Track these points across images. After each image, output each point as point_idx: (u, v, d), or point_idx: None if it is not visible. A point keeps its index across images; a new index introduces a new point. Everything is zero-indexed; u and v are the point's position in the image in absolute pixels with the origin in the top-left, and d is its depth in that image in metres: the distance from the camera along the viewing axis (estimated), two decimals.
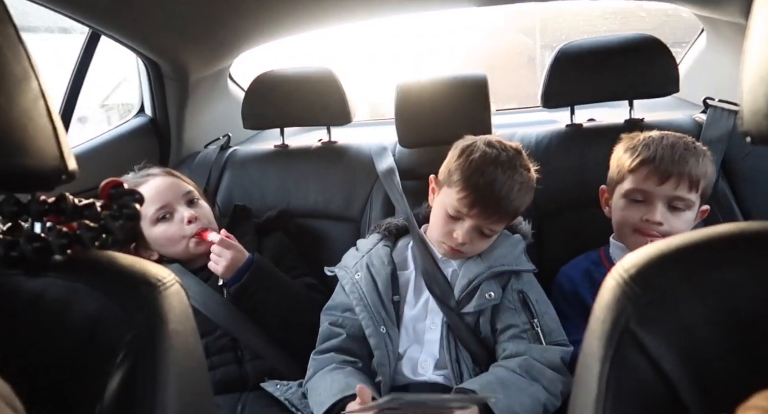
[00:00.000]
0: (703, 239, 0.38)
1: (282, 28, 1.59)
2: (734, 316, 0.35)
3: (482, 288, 1.00)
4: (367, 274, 1.06)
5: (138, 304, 0.45)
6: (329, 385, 0.97)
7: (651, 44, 1.30)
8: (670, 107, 1.66)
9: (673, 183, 0.99)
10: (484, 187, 0.96)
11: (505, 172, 0.97)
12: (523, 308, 1.00)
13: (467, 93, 1.37)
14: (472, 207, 0.97)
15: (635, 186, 1.02)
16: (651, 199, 1.01)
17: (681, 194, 0.99)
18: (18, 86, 0.44)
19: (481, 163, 0.98)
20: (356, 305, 1.04)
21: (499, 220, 0.99)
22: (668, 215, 1.00)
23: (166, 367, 0.44)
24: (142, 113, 1.66)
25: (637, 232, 1.02)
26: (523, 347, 0.96)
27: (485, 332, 1.01)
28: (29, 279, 0.46)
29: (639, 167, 1.01)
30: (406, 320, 1.05)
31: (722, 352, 0.35)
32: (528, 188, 1.01)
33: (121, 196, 0.52)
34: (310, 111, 1.50)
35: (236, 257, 1.11)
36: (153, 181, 1.20)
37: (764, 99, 0.32)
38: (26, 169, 0.44)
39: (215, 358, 1.14)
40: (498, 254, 1.03)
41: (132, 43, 1.40)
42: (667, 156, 0.99)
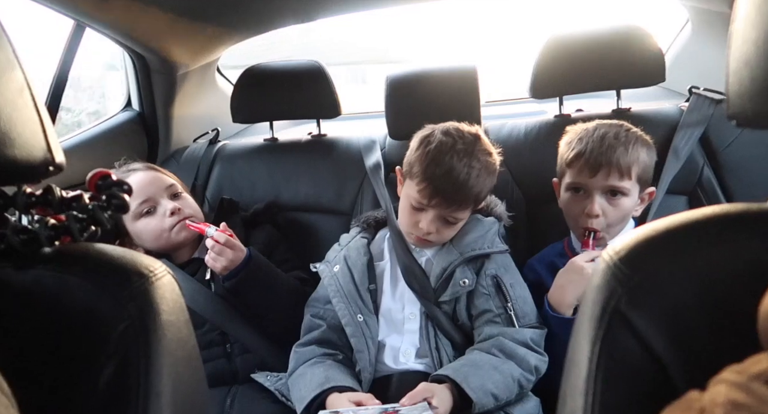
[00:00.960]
0: (690, 221, 0.39)
1: (269, 22, 1.58)
2: (720, 296, 0.36)
3: (456, 275, 1.01)
4: (344, 265, 1.08)
5: (129, 295, 0.45)
6: (309, 380, 0.98)
7: (637, 34, 1.30)
8: (657, 97, 1.68)
9: (604, 173, 1.03)
10: (441, 177, 0.97)
11: (462, 160, 0.97)
12: (497, 293, 1.01)
13: (457, 83, 1.37)
14: (432, 198, 0.98)
15: (573, 179, 1.08)
16: (588, 190, 1.06)
17: (614, 183, 1.03)
18: (2, 77, 0.43)
19: (437, 153, 0.99)
20: (333, 297, 1.06)
21: (460, 207, 1.00)
22: (606, 205, 1.05)
23: (159, 357, 0.44)
24: (129, 107, 1.65)
25: (580, 227, 1.07)
26: (497, 330, 0.98)
27: (462, 319, 1.02)
28: (18, 271, 0.45)
29: (573, 161, 1.07)
30: (384, 310, 1.07)
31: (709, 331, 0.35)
32: (488, 172, 1.01)
33: (110, 187, 0.51)
34: (300, 104, 1.50)
35: (237, 257, 1.10)
36: (135, 176, 1.19)
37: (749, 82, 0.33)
38: (12, 160, 0.43)
39: (204, 353, 1.13)
40: (469, 239, 1.04)
41: (118, 36, 1.38)
42: (596, 148, 1.04)
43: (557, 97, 1.42)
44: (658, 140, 1.27)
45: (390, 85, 1.40)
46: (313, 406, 0.94)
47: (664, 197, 1.23)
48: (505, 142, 1.39)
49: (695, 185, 1.27)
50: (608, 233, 1.07)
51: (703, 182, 1.27)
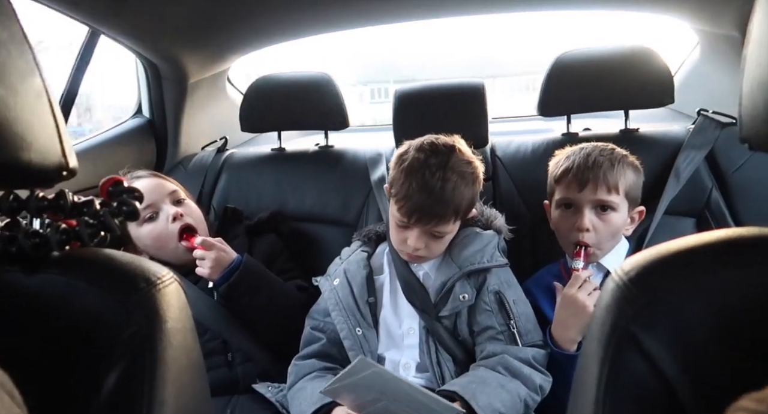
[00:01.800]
0: (702, 243, 0.39)
1: (280, 33, 1.60)
2: (732, 319, 0.36)
3: (455, 290, 1.01)
4: (344, 278, 1.08)
5: (136, 302, 0.45)
6: (309, 394, 0.98)
7: (647, 55, 1.31)
8: (665, 118, 1.68)
9: (591, 188, 1.06)
10: (416, 193, 0.96)
11: (435, 174, 0.96)
12: (500, 310, 1.00)
13: (464, 100, 1.38)
14: (411, 215, 0.97)
15: (562, 195, 1.10)
16: (578, 205, 1.08)
17: (602, 197, 1.06)
18: (22, 81, 0.44)
19: (410, 171, 0.98)
20: (332, 310, 1.05)
21: (441, 221, 0.98)
22: (596, 220, 1.06)
23: (164, 365, 0.44)
24: (140, 114, 1.66)
25: (570, 244, 1.08)
26: (500, 348, 0.97)
27: (463, 334, 1.01)
28: (28, 275, 0.45)
29: (561, 177, 1.10)
30: (382, 324, 1.06)
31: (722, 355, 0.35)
32: (466, 182, 0.99)
33: (121, 194, 0.52)
34: (308, 115, 1.51)
35: (219, 257, 1.11)
36: (138, 183, 1.20)
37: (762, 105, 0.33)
38: (28, 164, 0.44)
39: (206, 361, 1.12)
40: (468, 253, 1.03)
41: (131, 43, 1.40)
42: (582, 163, 1.07)
43: (565, 115, 1.42)
44: (665, 161, 1.27)
45: (398, 100, 1.41)
46: None
47: (671, 219, 1.23)
48: (512, 158, 1.40)
49: (703, 208, 1.26)
50: (599, 249, 1.08)
51: (711, 205, 1.26)
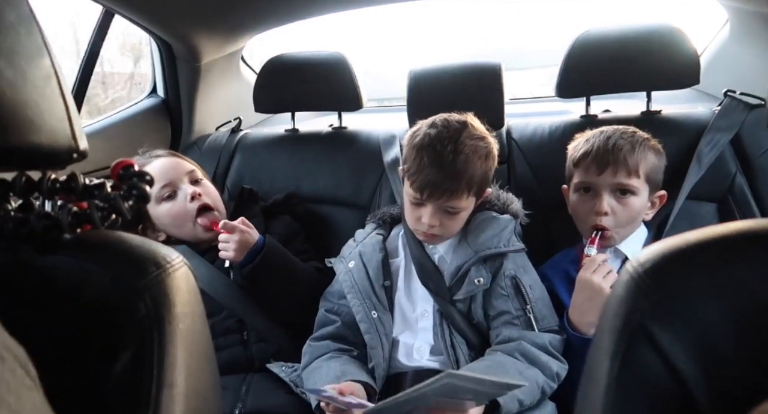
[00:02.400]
0: (720, 235, 0.37)
1: (295, 12, 1.57)
2: (750, 314, 0.34)
3: (471, 274, 1.00)
4: (359, 261, 1.08)
5: (146, 285, 0.45)
6: (325, 374, 0.98)
7: (671, 34, 1.26)
8: (690, 99, 1.63)
9: (611, 171, 1.04)
10: (427, 167, 0.96)
11: (446, 147, 0.96)
12: (516, 294, 1.00)
13: (481, 80, 1.35)
14: (423, 190, 0.97)
15: (581, 178, 1.09)
16: (597, 189, 1.06)
17: (621, 180, 1.04)
18: (31, 63, 0.44)
19: (420, 146, 0.98)
20: (347, 293, 1.05)
21: (454, 195, 0.97)
22: (615, 204, 1.05)
23: (173, 348, 0.44)
24: (155, 94, 1.67)
25: (590, 227, 1.07)
26: (516, 333, 0.97)
27: (478, 318, 1.01)
28: (40, 256, 0.46)
29: (580, 160, 1.08)
30: (397, 307, 1.06)
31: (737, 350, 0.34)
32: (479, 155, 0.98)
33: (131, 177, 0.52)
34: (321, 96, 1.49)
35: (243, 239, 1.11)
36: (157, 161, 1.22)
37: None
38: (38, 146, 0.44)
39: (221, 339, 1.16)
40: (484, 237, 1.02)
41: (144, 22, 1.39)
42: (602, 146, 1.06)
43: (584, 96, 1.38)
44: (689, 144, 1.24)
45: (413, 80, 1.39)
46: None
47: (692, 204, 1.20)
48: (528, 141, 1.38)
49: (726, 193, 1.23)
50: (617, 234, 1.06)
51: (734, 190, 1.22)
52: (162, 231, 1.22)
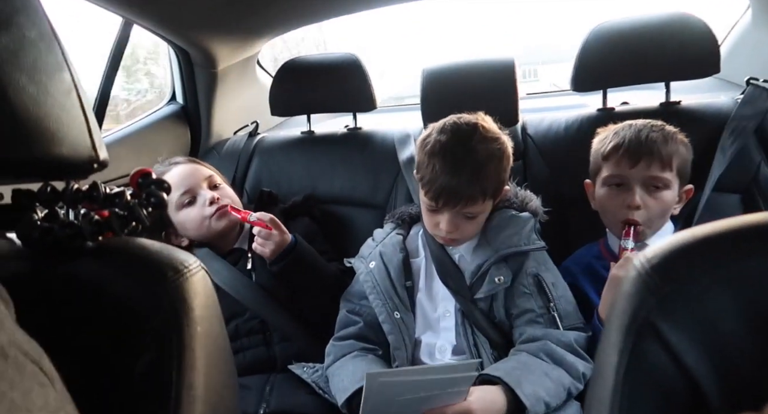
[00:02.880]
0: (729, 229, 0.37)
1: (307, 15, 1.59)
2: (760, 310, 0.34)
3: (491, 272, 0.99)
4: (380, 262, 1.07)
5: (164, 289, 0.47)
6: (352, 372, 0.99)
7: (690, 23, 1.23)
8: (711, 89, 1.59)
9: (644, 164, 1.01)
10: (440, 177, 0.94)
11: (457, 155, 0.94)
12: (539, 292, 0.98)
13: (494, 77, 1.34)
14: (438, 199, 0.96)
15: (611, 172, 1.05)
16: (628, 182, 1.03)
17: (655, 174, 1.01)
18: (52, 78, 0.46)
19: (432, 154, 0.97)
20: (369, 293, 1.05)
21: (469, 202, 0.96)
22: (647, 198, 1.02)
23: (191, 350, 0.46)
24: (174, 101, 1.71)
25: (620, 222, 1.04)
26: (540, 332, 0.95)
27: (500, 316, 1.00)
28: (64, 263, 0.48)
29: (611, 153, 1.05)
30: (419, 306, 1.06)
31: (747, 345, 0.34)
32: (493, 160, 0.96)
33: (149, 185, 0.54)
34: (336, 97, 1.51)
35: (283, 240, 1.13)
36: (176, 169, 1.24)
37: None
38: (60, 158, 0.46)
39: (245, 340, 1.18)
40: (504, 236, 1.01)
41: (162, 32, 1.43)
42: (635, 138, 1.03)
43: (601, 89, 1.36)
44: (711, 135, 1.21)
45: (426, 78, 1.39)
46: (356, 397, 0.94)
47: (716, 196, 1.17)
48: (544, 136, 1.36)
49: (750, 183, 1.20)
50: (649, 228, 1.04)
51: (759, 180, 1.19)
52: (185, 236, 1.24)
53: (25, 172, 0.45)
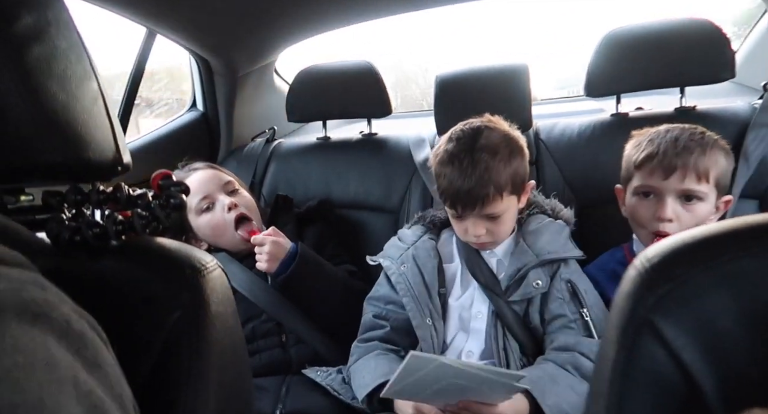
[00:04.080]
0: (727, 229, 0.37)
1: (323, 24, 1.62)
2: (758, 308, 0.34)
3: (530, 276, 0.99)
4: (414, 266, 1.07)
5: (183, 286, 0.49)
6: (374, 368, 0.99)
7: (704, 28, 1.23)
8: (728, 93, 1.57)
9: (678, 176, 0.96)
10: (452, 184, 0.96)
11: (463, 161, 0.95)
12: (572, 298, 0.98)
13: (507, 82, 1.35)
14: (456, 206, 0.97)
15: (643, 182, 1.00)
16: (660, 194, 0.99)
17: (690, 186, 0.96)
18: (80, 86, 0.49)
19: (442, 164, 0.98)
20: (403, 296, 1.04)
21: (487, 202, 0.96)
22: (680, 210, 0.98)
23: (207, 345, 0.48)
24: (195, 108, 1.75)
25: (650, 233, 1.00)
26: (572, 340, 0.94)
27: (534, 322, 1.00)
28: (91, 261, 0.51)
29: (644, 163, 1.00)
30: (452, 310, 1.05)
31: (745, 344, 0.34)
32: (502, 156, 0.96)
33: (169, 187, 0.56)
34: (351, 104, 1.53)
35: (273, 250, 1.14)
36: (195, 175, 1.28)
37: None
38: (87, 161, 0.48)
39: (261, 342, 1.20)
40: (544, 241, 1.01)
41: (184, 41, 1.47)
42: (670, 149, 0.97)
43: (615, 94, 1.36)
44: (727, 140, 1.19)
45: (439, 84, 1.40)
46: (376, 394, 0.95)
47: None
48: (557, 142, 1.37)
49: (765, 192, 1.18)
50: None
51: None
52: (204, 241, 1.28)
53: (55, 174, 0.48)
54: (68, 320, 0.32)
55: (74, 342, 0.31)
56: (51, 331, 0.30)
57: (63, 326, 0.31)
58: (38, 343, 0.29)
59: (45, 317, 0.30)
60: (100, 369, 0.33)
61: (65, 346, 0.31)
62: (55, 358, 0.29)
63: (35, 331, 0.29)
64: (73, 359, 0.31)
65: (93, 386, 0.31)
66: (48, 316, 0.31)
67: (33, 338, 0.29)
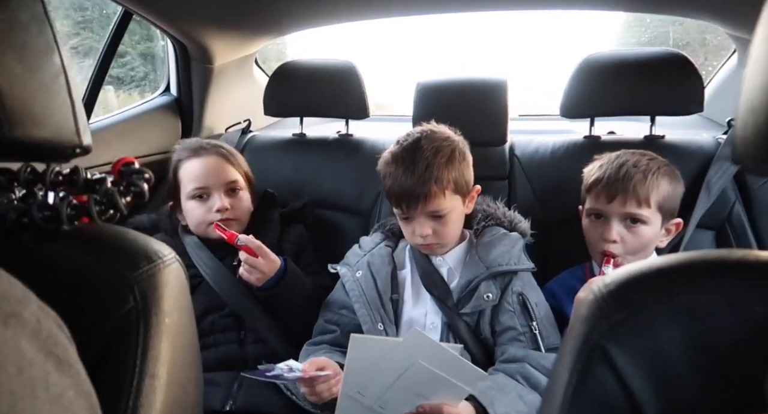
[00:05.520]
0: (683, 262, 0.38)
1: (306, 20, 1.61)
2: (706, 342, 0.35)
3: (480, 288, 1.00)
4: (368, 272, 1.08)
5: (136, 278, 0.47)
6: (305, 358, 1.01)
7: (677, 61, 1.27)
8: (696, 126, 1.63)
9: (620, 200, 1.03)
10: (395, 182, 1.00)
11: (406, 159, 1.00)
12: (522, 311, 1.00)
13: (485, 96, 1.37)
14: (400, 203, 1.00)
15: (591, 205, 1.08)
16: (607, 216, 1.05)
17: (631, 210, 1.02)
18: (40, 60, 0.46)
19: (387, 166, 1.03)
20: (355, 302, 1.06)
21: (429, 198, 0.98)
22: (624, 232, 1.04)
23: (157, 340, 0.46)
24: (168, 92, 1.70)
25: (599, 253, 1.06)
26: (522, 353, 0.96)
27: (485, 333, 1.01)
28: (38, 245, 0.48)
29: (592, 187, 1.08)
30: (405, 319, 1.06)
31: (691, 375, 0.35)
32: (443, 155, 1.00)
33: (131, 175, 0.54)
34: (330, 103, 1.52)
35: (271, 268, 1.11)
36: (203, 160, 1.22)
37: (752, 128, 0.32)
38: (43, 140, 0.46)
39: (219, 336, 1.17)
40: (496, 254, 1.03)
41: (162, 24, 1.43)
42: (613, 175, 1.04)
43: (589, 117, 1.40)
44: (691, 172, 1.24)
45: (419, 92, 1.41)
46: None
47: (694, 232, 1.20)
48: (530, 158, 1.39)
49: (724, 221, 1.23)
50: (627, 261, 1.05)
51: (732, 219, 1.23)
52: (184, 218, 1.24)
53: (6, 151, 0.45)
54: (38, 319, 0.31)
55: (45, 342, 0.31)
56: (23, 331, 0.29)
57: (34, 326, 0.30)
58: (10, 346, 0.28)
59: (17, 317, 0.29)
60: (71, 368, 0.32)
61: (36, 346, 0.30)
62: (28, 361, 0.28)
63: (8, 332, 0.28)
64: (44, 360, 0.30)
65: (64, 387, 0.30)
66: (20, 315, 0.29)
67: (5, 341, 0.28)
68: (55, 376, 0.30)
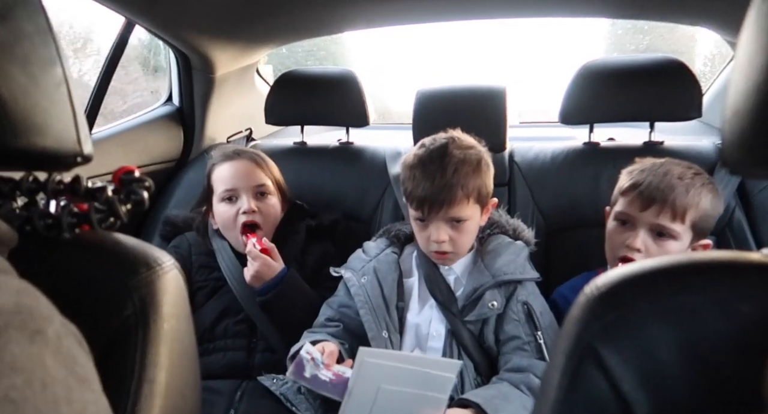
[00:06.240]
0: (672, 263, 0.39)
1: (307, 29, 1.62)
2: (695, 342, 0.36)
3: (485, 297, 1.00)
4: (374, 278, 1.07)
5: (135, 285, 0.48)
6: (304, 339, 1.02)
7: (676, 67, 1.28)
8: (695, 131, 1.64)
9: (655, 210, 0.97)
10: (420, 184, 0.98)
11: (434, 162, 0.98)
12: (527, 320, 0.99)
13: (485, 104, 1.37)
14: (422, 206, 0.99)
15: (622, 209, 1.02)
16: (635, 223, 1.00)
17: (663, 223, 0.97)
18: (43, 71, 0.47)
19: (412, 166, 1.01)
20: (360, 308, 1.05)
21: (453, 205, 0.98)
22: (650, 243, 0.99)
23: (156, 346, 0.47)
24: (170, 102, 1.72)
25: (618, 259, 1.02)
26: (526, 362, 0.95)
27: (489, 342, 1.01)
28: (39, 254, 0.49)
29: (628, 191, 1.02)
30: (409, 326, 1.06)
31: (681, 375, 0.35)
32: (470, 163, 0.99)
33: (131, 183, 0.55)
34: (331, 111, 1.53)
35: (261, 271, 1.13)
36: (234, 163, 1.25)
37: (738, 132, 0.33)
38: (45, 149, 0.47)
39: (229, 341, 1.18)
40: (502, 262, 1.03)
41: (164, 34, 1.45)
42: (654, 182, 0.98)
43: (588, 124, 1.40)
44: None
45: (419, 100, 1.42)
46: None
47: None
48: (530, 165, 1.40)
49: (725, 227, 1.23)
50: None
51: (733, 224, 1.23)
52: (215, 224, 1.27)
53: (8, 160, 0.46)
54: (60, 335, 0.32)
55: (67, 358, 0.31)
56: (47, 348, 0.30)
57: (57, 343, 0.31)
58: (36, 362, 0.28)
59: (42, 334, 0.30)
60: (90, 384, 0.33)
61: (60, 362, 0.30)
62: (52, 377, 0.29)
63: (33, 349, 0.29)
64: (66, 376, 0.30)
65: (85, 403, 0.31)
66: (45, 332, 0.30)
67: (31, 357, 0.28)
68: (77, 393, 0.30)
